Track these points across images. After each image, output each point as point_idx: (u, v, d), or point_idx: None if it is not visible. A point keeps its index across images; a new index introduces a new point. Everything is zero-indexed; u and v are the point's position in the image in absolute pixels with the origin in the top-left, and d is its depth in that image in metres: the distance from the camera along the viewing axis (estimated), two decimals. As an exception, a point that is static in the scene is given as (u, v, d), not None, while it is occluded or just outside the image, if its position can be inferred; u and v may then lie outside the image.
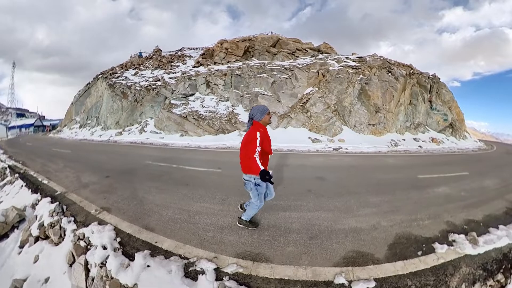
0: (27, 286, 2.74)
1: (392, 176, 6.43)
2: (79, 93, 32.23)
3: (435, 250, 2.78)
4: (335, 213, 3.66)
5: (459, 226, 3.43)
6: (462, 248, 2.86)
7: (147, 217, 3.39)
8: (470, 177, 6.69)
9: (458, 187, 5.43)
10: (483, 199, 4.72)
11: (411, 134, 16.39)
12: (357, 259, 2.57)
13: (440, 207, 4.10)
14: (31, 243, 3.47)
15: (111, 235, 2.90)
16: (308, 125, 15.10)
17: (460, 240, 3.01)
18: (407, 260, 2.56)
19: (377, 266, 2.47)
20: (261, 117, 2.70)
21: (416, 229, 3.26)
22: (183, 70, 25.71)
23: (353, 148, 12.43)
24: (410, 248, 2.81)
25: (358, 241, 2.91)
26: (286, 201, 4.05)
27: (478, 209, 4.10)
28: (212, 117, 16.27)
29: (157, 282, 2.02)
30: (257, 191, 2.74)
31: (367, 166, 8.00)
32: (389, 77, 16.63)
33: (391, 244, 2.88)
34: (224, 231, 2.95)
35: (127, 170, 6.69)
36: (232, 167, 6.63)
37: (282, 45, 28.31)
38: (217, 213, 3.43)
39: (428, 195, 4.76)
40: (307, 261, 2.48)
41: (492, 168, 8.68)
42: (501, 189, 5.53)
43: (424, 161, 9.84)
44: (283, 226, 3.17)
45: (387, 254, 2.68)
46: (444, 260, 2.63)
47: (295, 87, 17.31)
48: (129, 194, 4.45)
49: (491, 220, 3.69)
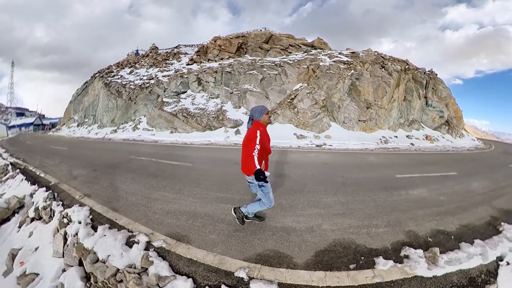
0: (21, 253, 3.70)
1: (365, 175, 6.15)
2: (77, 92, 33.16)
3: (375, 266, 2.42)
4: (275, 210, 3.62)
5: (421, 238, 3.04)
6: (413, 267, 2.40)
7: (116, 201, 4.30)
8: (457, 178, 6.28)
9: (439, 190, 5.04)
10: (465, 204, 4.27)
11: (404, 131, 16.08)
12: (271, 259, 2.52)
13: (407, 213, 3.74)
14: (28, 223, 4.44)
15: (86, 214, 3.83)
16: (295, 121, 15.27)
17: (414, 256, 2.56)
18: (331, 272, 2.32)
19: (290, 271, 2.34)
20: (259, 117, 2.77)
21: (362, 237, 2.98)
22: (177, 68, 26.39)
23: (338, 144, 12.29)
24: (343, 258, 2.55)
25: (284, 241, 2.85)
26: (233, 195, 4.33)
27: (455, 217, 3.68)
28: (201, 114, 17.07)
29: (106, 246, 2.93)
30: (263, 191, 2.76)
31: (342, 163, 7.82)
32: (382, 73, 16.28)
33: (321, 250, 2.69)
34: (168, 215, 3.57)
35: (112, 164, 7.64)
36: (204, 162, 7.56)
37: (275, 41, 28.52)
38: (170, 200, 4.22)
39: (397, 198, 4.43)
40: (221, 249, 2.67)
41: (485, 169, 8.22)
42: (489, 193, 5.08)
43: (411, 159, 9.51)
44: (217, 216, 3.48)
45: (310, 260, 2.51)
46: (381, 279, 2.25)
47: (285, 83, 17.61)
48: (108, 184, 5.39)
49: (466, 232, 3.24)
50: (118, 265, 2.59)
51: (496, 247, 2.86)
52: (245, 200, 4.07)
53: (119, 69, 29.74)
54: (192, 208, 3.82)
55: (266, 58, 23.20)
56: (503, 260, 2.71)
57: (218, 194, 4.36)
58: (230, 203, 3.93)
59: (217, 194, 4.32)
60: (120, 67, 30.83)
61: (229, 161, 7.68)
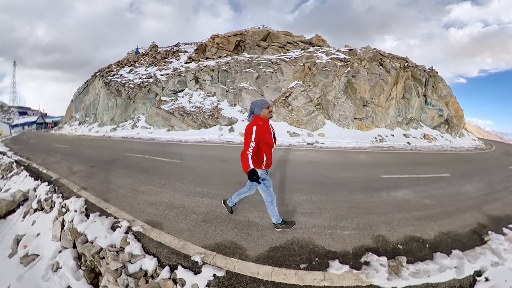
0: (25, 238, 4.29)
1: (349, 174, 6.13)
2: (78, 91, 33.86)
3: (327, 269, 2.38)
4: (244, 205, 3.84)
5: (390, 244, 2.90)
6: (370, 276, 2.27)
7: (107, 193, 4.86)
8: (449, 180, 6.06)
9: (426, 192, 4.86)
10: (451, 209, 4.05)
11: (402, 129, 15.99)
12: (226, 249, 2.71)
13: (382, 216, 3.61)
14: (31, 213, 5.04)
15: (81, 204, 4.39)
16: (289, 119, 15.46)
17: (375, 264, 2.42)
18: (279, 268, 2.39)
19: (240, 262, 2.49)
20: (259, 111, 2.69)
21: (323, 238, 2.95)
22: (175, 66, 26.84)
23: (331, 143, 12.26)
24: (296, 257, 2.58)
25: (243, 234, 3.01)
26: (210, 189, 4.68)
27: (436, 223, 3.49)
28: (197, 112, 17.57)
29: (95, 229, 3.49)
30: (265, 185, 2.77)
31: (329, 162, 7.80)
32: (380, 70, 16.08)
33: (276, 246, 2.77)
34: (150, 206, 4.04)
35: (109, 161, 8.24)
36: (192, 159, 8.11)
37: (272, 38, 28.55)
38: (153, 193, 4.73)
39: (376, 200, 4.30)
40: (186, 236, 3.00)
41: (481, 171, 7.97)
42: (482, 197, 4.86)
43: (404, 159, 9.35)
44: (190, 208, 3.85)
45: (262, 255, 2.61)
46: (330, 283, 2.21)
47: (280, 81, 17.74)
48: (103, 179, 5.95)
49: (445, 241, 3.04)
50: (102, 244, 3.14)
51: (476, 260, 2.61)
52: (220, 194, 4.41)
53: (119, 68, 30.32)
54: (171, 200, 4.33)
55: (263, 56, 23.34)
56: (482, 276, 2.42)
57: (196, 188, 4.87)
58: (205, 196, 4.39)
59: (196, 189, 4.83)
60: (120, 66, 31.39)
61: (215, 158, 8.23)
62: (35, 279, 3.22)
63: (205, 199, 4.24)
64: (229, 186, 4.94)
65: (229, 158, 8.17)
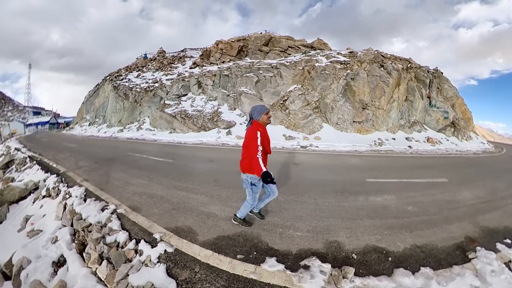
0: (33, 218, 5.14)
1: (330, 177, 6.08)
2: (89, 94, 35.71)
3: (262, 264, 2.49)
4: (211, 199, 4.31)
5: (343, 252, 2.75)
6: (303, 281, 2.20)
7: (105, 184, 5.69)
8: (445, 185, 5.70)
9: (412, 198, 4.57)
10: (437, 218, 3.70)
11: (404, 133, 15.63)
12: (182, 232, 3.20)
13: (347, 221, 3.47)
14: (40, 199, 5.93)
15: (82, 191, 5.21)
16: (286, 122, 15.68)
17: (315, 269, 2.32)
18: (218, 254, 2.69)
19: (188, 243, 2.92)
20: (258, 117, 2.77)
21: (271, 236, 3.06)
22: (180, 71, 28.08)
23: (326, 146, 12.21)
24: (237, 248, 2.80)
25: (200, 222, 3.45)
26: (188, 184, 5.30)
27: (412, 233, 3.18)
28: (197, 115, 18.49)
29: (88, 210, 4.28)
30: (252, 190, 2.90)
31: (315, 165, 7.82)
32: (381, 72, 15.80)
33: (224, 236, 3.06)
34: (135, 195, 4.77)
35: (111, 158, 9.18)
36: (183, 159, 8.91)
37: (274, 43, 29.30)
38: (141, 185, 5.52)
39: (348, 204, 4.18)
40: (155, 219, 3.64)
41: (485, 175, 7.50)
42: (479, 205, 4.43)
43: (400, 162, 9.06)
44: (166, 198, 4.48)
45: (209, 241, 2.97)
46: (258, 278, 2.30)
47: (279, 85, 18.16)
48: (103, 172, 6.83)
49: (416, 255, 2.71)
50: (92, 221, 3.93)
51: (448, 283, 2.19)
52: (195, 189, 5.07)
53: (128, 72, 31.91)
54: (154, 191, 5.07)
55: (265, 60, 23.97)
56: None
57: (177, 183, 5.60)
58: (182, 190, 5.03)
59: (177, 183, 5.56)
60: (129, 70, 33.02)
61: (205, 158, 8.99)
62: (37, 247, 4.03)
63: (181, 192, 4.94)
64: (206, 182, 5.56)
65: (217, 159, 8.92)
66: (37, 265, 3.55)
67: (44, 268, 3.51)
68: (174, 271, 2.53)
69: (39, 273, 3.42)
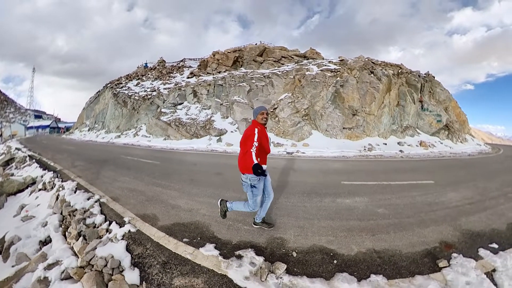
0: (28, 206, 5.89)
1: (304, 179, 6.18)
2: (90, 100, 36.88)
3: (200, 248, 2.78)
4: (180, 193, 4.97)
5: (284, 249, 2.76)
6: (230, 267, 2.34)
7: (95, 180, 6.49)
8: (429, 187, 5.54)
9: (386, 201, 4.40)
10: (410, 221, 3.47)
11: (397, 137, 15.69)
12: (147, 218, 3.76)
13: (302, 221, 3.50)
14: (36, 191, 6.70)
15: (74, 185, 6.01)
16: (276, 130, 16.03)
17: (246, 260, 2.43)
18: (169, 237, 3.10)
19: (149, 226, 3.44)
20: (255, 116, 2.97)
21: (220, 227, 3.35)
22: (178, 81, 29.26)
23: (313, 152, 12.32)
24: (186, 233, 3.19)
25: (165, 212, 4.00)
26: (166, 182, 5.95)
27: (374, 237, 2.99)
28: (191, 123, 19.40)
29: (76, 199, 5.06)
30: (252, 193, 2.87)
31: (291, 169, 7.90)
32: (371, 78, 16.05)
33: (179, 223, 3.51)
34: (119, 189, 5.51)
35: (104, 160, 10.01)
36: (169, 162, 9.72)
37: (268, 53, 30.55)
38: (125, 181, 6.30)
39: (311, 205, 4.18)
40: (130, 207, 4.29)
41: (477, 176, 7.36)
42: (464, 206, 4.21)
43: (385, 166, 8.90)
44: (143, 192, 5.16)
45: (166, 226, 3.44)
46: (192, 258, 2.61)
47: (271, 93, 18.96)
48: (95, 171, 7.65)
49: (371, 261, 2.49)
50: (77, 207, 4.71)
51: None
52: (170, 186, 5.64)
53: (128, 80, 33.20)
54: (134, 186, 5.85)
55: (258, 70, 24.96)
56: None
57: (157, 181, 6.35)
58: (159, 186, 5.65)
59: (156, 181, 6.32)
60: (129, 79, 34.33)
61: (189, 162, 9.80)
62: (28, 229, 4.77)
63: (157, 188, 5.61)
64: (182, 181, 6.20)
65: (200, 163, 9.71)
66: (26, 242, 4.28)
67: (31, 245, 4.23)
68: (132, 247, 3.02)
69: (26, 248, 4.13)
